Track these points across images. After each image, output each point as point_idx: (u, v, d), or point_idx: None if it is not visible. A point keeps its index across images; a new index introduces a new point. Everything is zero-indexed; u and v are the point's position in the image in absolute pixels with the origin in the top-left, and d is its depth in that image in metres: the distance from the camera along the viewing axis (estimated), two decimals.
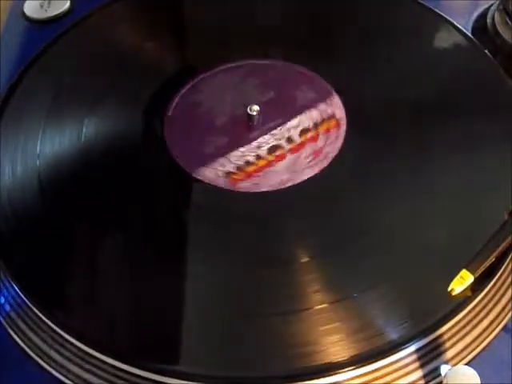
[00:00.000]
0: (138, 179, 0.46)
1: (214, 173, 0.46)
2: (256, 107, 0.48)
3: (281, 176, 0.46)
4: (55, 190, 0.45)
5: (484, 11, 0.57)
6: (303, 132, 0.48)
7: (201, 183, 0.45)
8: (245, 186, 0.45)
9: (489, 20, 0.55)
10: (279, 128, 0.48)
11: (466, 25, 0.55)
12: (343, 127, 0.48)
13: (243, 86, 0.51)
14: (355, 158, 0.46)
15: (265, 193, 0.45)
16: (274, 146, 0.47)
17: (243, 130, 0.49)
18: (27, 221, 0.44)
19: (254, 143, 0.48)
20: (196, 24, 0.56)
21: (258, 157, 0.47)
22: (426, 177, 0.45)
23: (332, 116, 0.48)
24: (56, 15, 0.59)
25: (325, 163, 0.46)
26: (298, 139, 0.48)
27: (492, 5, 0.57)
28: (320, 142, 0.47)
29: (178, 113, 0.50)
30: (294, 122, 0.49)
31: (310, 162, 0.46)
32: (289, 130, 0.48)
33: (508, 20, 0.53)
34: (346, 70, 0.51)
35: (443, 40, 0.54)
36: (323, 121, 0.48)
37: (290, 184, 0.45)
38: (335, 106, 0.49)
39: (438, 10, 0.55)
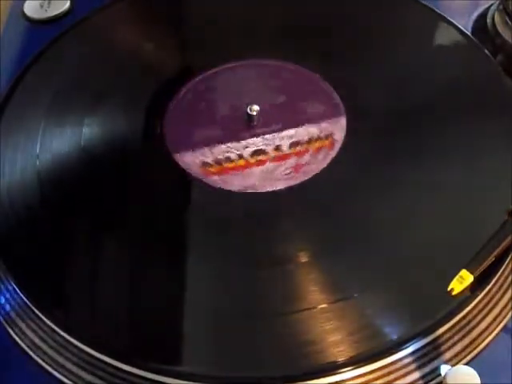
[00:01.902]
0: (137, 179, 0.46)
1: (192, 159, 0.46)
2: (256, 107, 0.48)
3: (250, 180, 0.45)
4: (55, 190, 0.45)
5: (484, 11, 0.57)
6: (294, 144, 0.47)
7: (200, 183, 0.45)
8: (214, 179, 0.45)
9: (489, 20, 0.55)
10: (273, 134, 0.48)
11: (466, 25, 0.55)
12: (335, 150, 0.47)
13: (251, 86, 0.51)
14: (355, 154, 0.46)
15: (265, 193, 0.45)
16: (259, 150, 0.47)
17: (239, 128, 0.49)
18: (27, 221, 0.44)
19: (243, 142, 0.48)
20: (196, 24, 0.57)
21: (240, 156, 0.47)
22: (425, 177, 0.45)
23: (329, 135, 0.48)
24: (56, 15, 0.59)
25: (300, 179, 0.45)
26: (286, 149, 0.47)
27: (492, 5, 0.57)
28: (306, 158, 0.47)
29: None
30: (290, 131, 0.48)
31: (287, 174, 0.46)
32: (282, 138, 0.48)
33: (508, 20, 0.53)
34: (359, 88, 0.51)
35: (443, 40, 0.54)
36: (318, 138, 0.48)
37: (251, 191, 0.45)
38: (337, 127, 0.48)
39: (438, 10, 0.55)
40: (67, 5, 0.60)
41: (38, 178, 0.46)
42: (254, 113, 0.48)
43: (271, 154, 0.47)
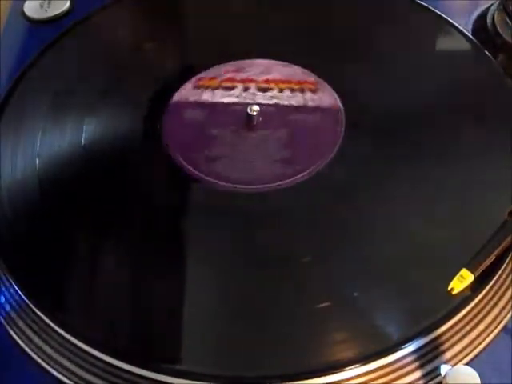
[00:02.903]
0: (137, 179, 0.46)
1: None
2: (256, 107, 0.48)
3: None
4: (55, 190, 0.45)
5: (484, 11, 0.57)
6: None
7: (200, 183, 0.45)
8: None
9: (489, 20, 0.55)
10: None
11: (466, 25, 0.55)
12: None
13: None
14: (354, 158, 0.46)
15: (266, 193, 0.45)
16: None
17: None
18: (27, 220, 0.44)
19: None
20: (196, 24, 0.57)
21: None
22: (425, 177, 0.45)
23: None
24: (56, 15, 0.59)
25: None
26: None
27: (492, 5, 0.56)
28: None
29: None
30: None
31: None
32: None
33: (508, 20, 0.53)
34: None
35: (443, 40, 0.54)
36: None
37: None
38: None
39: (437, 10, 0.55)
40: (67, 5, 0.60)
41: (38, 177, 0.46)
42: (254, 113, 0.48)
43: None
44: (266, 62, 0.52)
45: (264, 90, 0.50)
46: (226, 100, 0.50)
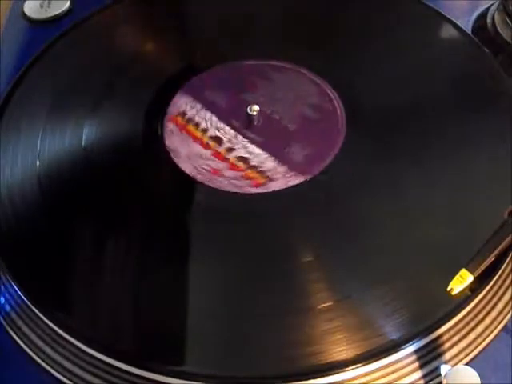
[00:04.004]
0: (138, 179, 0.46)
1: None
2: (256, 107, 0.48)
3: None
4: (55, 190, 0.45)
5: (484, 11, 0.57)
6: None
7: (202, 185, 0.45)
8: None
9: (489, 20, 0.55)
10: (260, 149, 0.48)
11: (466, 25, 0.55)
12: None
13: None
14: (354, 158, 0.46)
15: (266, 193, 0.45)
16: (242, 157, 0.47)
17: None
18: (27, 221, 0.44)
19: (239, 144, 0.48)
20: (196, 24, 0.57)
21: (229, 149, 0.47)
22: (425, 177, 0.45)
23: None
24: (56, 15, 0.59)
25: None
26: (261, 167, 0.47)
27: (492, 5, 0.57)
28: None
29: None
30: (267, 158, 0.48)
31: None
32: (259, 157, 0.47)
33: (508, 20, 0.53)
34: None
35: (443, 40, 0.54)
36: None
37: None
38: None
39: (438, 10, 0.55)
40: (67, 5, 0.60)
41: (38, 178, 0.46)
42: (254, 113, 0.48)
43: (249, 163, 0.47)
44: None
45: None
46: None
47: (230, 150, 0.47)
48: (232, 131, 0.48)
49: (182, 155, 0.47)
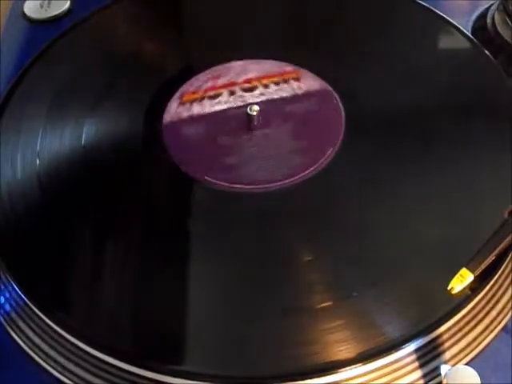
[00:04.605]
0: (137, 179, 0.46)
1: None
2: (256, 107, 0.48)
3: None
4: (55, 190, 0.45)
5: (484, 11, 0.57)
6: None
7: (201, 184, 0.45)
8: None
9: (489, 20, 0.55)
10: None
11: (466, 25, 0.56)
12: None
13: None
14: (354, 158, 0.46)
15: (266, 193, 0.45)
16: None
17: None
18: (27, 220, 0.44)
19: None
20: (196, 24, 0.57)
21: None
22: (425, 177, 0.45)
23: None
24: (56, 15, 0.59)
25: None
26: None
27: (492, 5, 0.57)
28: None
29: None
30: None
31: None
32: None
33: (508, 20, 0.53)
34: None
35: (443, 40, 0.54)
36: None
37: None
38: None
39: (437, 10, 0.55)
40: (67, 5, 0.60)
41: (38, 177, 0.46)
42: (254, 113, 0.48)
43: None
44: (241, 63, 0.52)
45: (250, 90, 0.50)
46: (217, 108, 0.50)
47: None
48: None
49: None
